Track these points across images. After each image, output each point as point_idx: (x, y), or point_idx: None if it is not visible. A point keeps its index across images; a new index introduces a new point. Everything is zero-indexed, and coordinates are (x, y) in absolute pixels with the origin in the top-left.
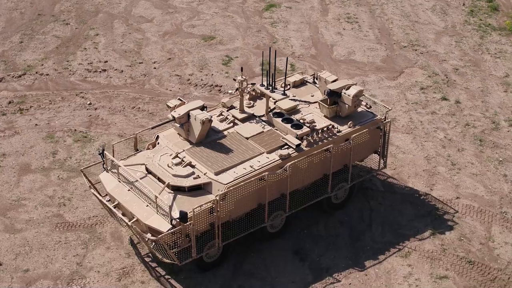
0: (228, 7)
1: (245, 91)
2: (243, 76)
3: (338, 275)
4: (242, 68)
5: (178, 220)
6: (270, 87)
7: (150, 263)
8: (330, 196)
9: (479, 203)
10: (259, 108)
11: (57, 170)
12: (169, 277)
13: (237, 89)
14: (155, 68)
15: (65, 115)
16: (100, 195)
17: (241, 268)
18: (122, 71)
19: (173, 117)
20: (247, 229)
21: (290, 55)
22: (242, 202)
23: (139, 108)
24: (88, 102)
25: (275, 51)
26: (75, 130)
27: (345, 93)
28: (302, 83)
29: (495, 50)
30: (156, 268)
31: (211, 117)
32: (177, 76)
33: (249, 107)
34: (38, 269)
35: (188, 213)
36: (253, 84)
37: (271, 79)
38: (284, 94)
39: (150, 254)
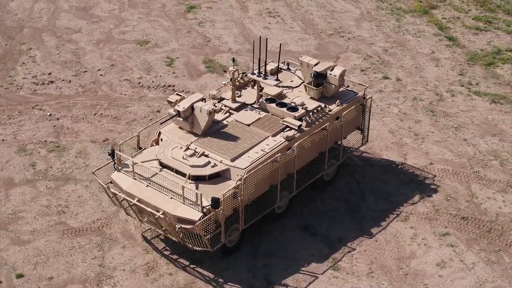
0: (150, 12)
1: (237, 81)
2: (234, 67)
3: (351, 244)
4: (233, 59)
5: (209, 207)
6: (262, 75)
7: (170, 255)
8: (322, 174)
9: (452, 166)
10: (246, 97)
11: (42, 180)
12: (194, 266)
13: (231, 79)
14: (101, 75)
15: (29, 128)
16: (115, 194)
17: (259, 249)
18: (70, 81)
19: (178, 111)
20: (262, 211)
21: (228, 51)
22: (259, 184)
23: (101, 114)
24: (49, 113)
25: (266, 39)
26: (45, 141)
27: (330, 74)
28: (277, 70)
29: (414, 31)
30: (179, 260)
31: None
32: (126, 80)
33: (237, 97)
34: (62, 275)
35: (219, 199)
36: (244, 73)
37: (262, 67)
38: (277, 79)
39: (168, 247)
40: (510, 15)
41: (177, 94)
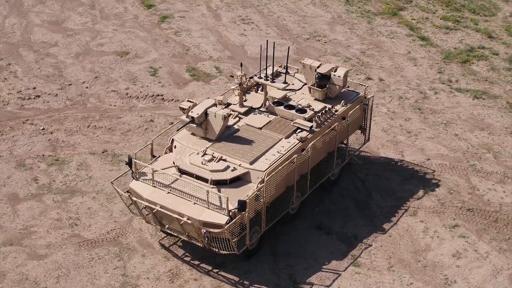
0: (124, 23)
1: (245, 85)
2: (242, 72)
3: (366, 240)
4: (241, 64)
5: (235, 211)
6: (270, 78)
7: (191, 261)
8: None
9: (448, 160)
10: (252, 101)
11: (48, 194)
12: (218, 270)
13: (240, 84)
14: (87, 87)
15: (24, 143)
16: (136, 202)
17: (278, 250)
18: (56, 94)
19: (192, 117)
20: (280, 213)
21: (209, 59)
22: (278, 186)
23: (95, 126)
24: (41, 127)
25: (274, 43)
26: (43, 155)
27: (334, 75)
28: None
29: (386, 32)
30: (201, 265)
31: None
32: (114, 91)
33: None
34: (87, 287)
35: (246, 201)
36: (251, 77)
37: (270, 70)
38: (285, 82)
39: (187, 253)
40: (476, 13)
41: (188, 101)
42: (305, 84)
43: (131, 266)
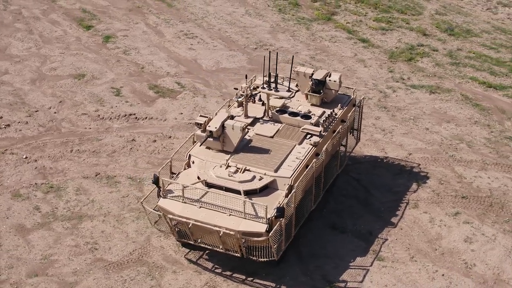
0: (69, 46)
1: (250, 96)
2: (247, 83)
3: (381, 235)
4: (246, 76)
5: (272, 218)
6: (273, 88)
7: (223, 273)
8: None
9: (429, 153)
10: (252, 111)
11: (56, 222)
12: (252, 278)
13: (247, 96)
14: (55, 112)
15: (11, 173)
16: (170, 219)
17: (302, 252)
18: (26, 122)
19: (210, 131)
20: (304, 217)
21: (167, 75)
22: (303, 191)
23: (78, 150)
24: (24, 156)
25: (277, 53)
26: (36, 183)
27: (330, 80)
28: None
29: (327, 37)
30: (234, 275)
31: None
32: (84, 114)
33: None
34: None
35: (284, 208)
36: (255, 88)
37: (272, 80)
38: (289, 90)
39: (217, 266)
40: (404, 13)
41: (201, 116)
42: (298, 91)
43: (166, 284)
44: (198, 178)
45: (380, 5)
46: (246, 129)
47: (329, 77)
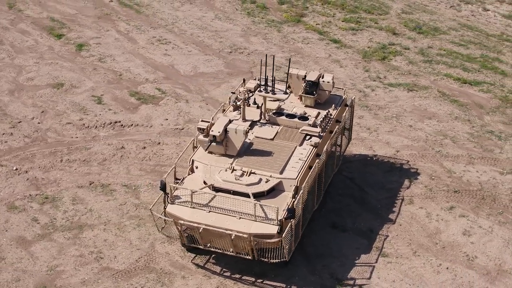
0: (42, 55)
1: (246, 100)
2: (244, 88)
3: (382, 232)
4: (244, 80)
5: (282, 219)
6: (270, 91)
7: (232, 276)
8: None
9: (415, 150)
10: (248, 115)
11: (56, 233)
12: (261, 279)
13: (245, 99)
14: (39, 123)
15: (3, 185)
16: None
17: (307, 252)
18: (11, 133)
19: (214, 136)
20: (308, 217)
21: (146, 81)
22: (308, 191)
23: (68, 159)
24: (14, 168)
25: (273, 56)
26: (30, 195)
27: (323, 81)
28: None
29: (300, 38)
30: (243, 278)
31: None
32: (69, 124)
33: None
34: None
35: (295, 209)
36: (252, 92)
37: (267, 83)
38: (286, 93)
39: (225, 269)
40: (370, 13)
41: (203, 121)
42: (291, 92)
43: None
44: (205, 183)
45: (347, 6)
46: (248, 132)
47: (322, 78)
